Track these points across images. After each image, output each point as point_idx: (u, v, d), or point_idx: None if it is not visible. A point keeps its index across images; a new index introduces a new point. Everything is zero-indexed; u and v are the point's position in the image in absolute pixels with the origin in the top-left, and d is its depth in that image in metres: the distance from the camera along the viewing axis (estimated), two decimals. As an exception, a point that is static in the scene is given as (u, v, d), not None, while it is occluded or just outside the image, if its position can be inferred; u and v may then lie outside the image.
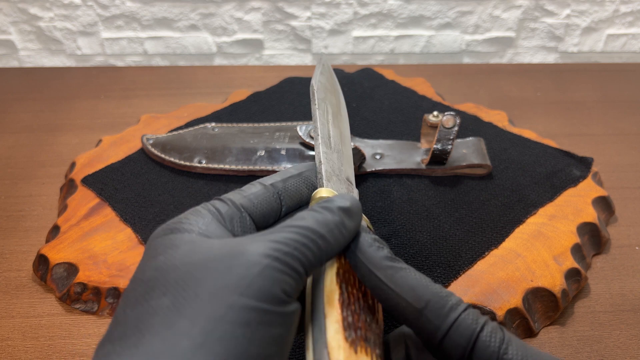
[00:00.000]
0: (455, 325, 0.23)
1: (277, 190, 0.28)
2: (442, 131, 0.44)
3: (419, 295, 0.23)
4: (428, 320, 0.23)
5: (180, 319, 0.20)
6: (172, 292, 0.21)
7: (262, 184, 0.28)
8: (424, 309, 0.23)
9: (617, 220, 0.46)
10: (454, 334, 0.23)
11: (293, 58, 0.77)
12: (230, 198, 0.27)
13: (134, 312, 0.21)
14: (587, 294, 0.39)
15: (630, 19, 0.75)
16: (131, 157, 0.50)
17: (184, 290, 0.21)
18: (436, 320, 0.23)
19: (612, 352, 0.35)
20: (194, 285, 0.21)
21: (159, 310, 0.21)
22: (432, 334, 0.23)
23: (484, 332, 0.23)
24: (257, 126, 0.52)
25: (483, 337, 0.22)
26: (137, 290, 0.22)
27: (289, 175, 0.30)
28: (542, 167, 0.48)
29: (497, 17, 0.74)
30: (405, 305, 0.23)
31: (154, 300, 0.21)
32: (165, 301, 0.21)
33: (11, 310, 0.38)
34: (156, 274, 0.22)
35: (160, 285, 0.21)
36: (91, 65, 0.76)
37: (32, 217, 0.46)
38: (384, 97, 0.59)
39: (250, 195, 0.27)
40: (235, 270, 0.21)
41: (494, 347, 0.22)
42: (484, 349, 0.22)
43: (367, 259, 0.25)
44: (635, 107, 0.62)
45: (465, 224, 0.42)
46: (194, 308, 0.20)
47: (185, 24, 0.73)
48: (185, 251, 0.23)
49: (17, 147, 0.55)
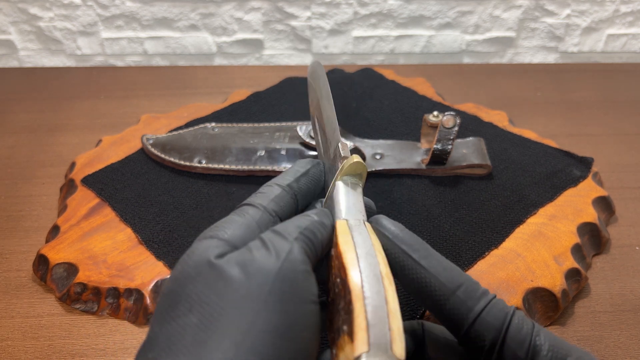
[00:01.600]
0: (488, 307, 0.23)
1: (294, 190, 0.29)
2: (442, 131, 0.44)
3: (453, 277, 0.24)
4: (461, 301, 0.23)
5: (209, 336, 0.20)
6: (197, 308, 0.21)
7: (279, 186, 0.28)
8: (457, 290, 0.23)
9: (617, 220, 0.46)
10: (488, 316, 0.23)
11: (293, 58, 0.77)
12: (260, 203, 0.27)
13: (163, 331, 0.21)
14: (587, 294, 0.39)
15: (630, 19, 0.75)
16: (131, 157, 0.50)
17: (208, 304, 0.21)
18: (470, 301, 0.23)
19: (612, 352, 0.35)
20: (216, 299, 0.21)
21: (187, 328, 0.21)
22: (463, 315, 0.23)
23: (516, 317, 0.23)
24: (257, 126, 0.52)
25: (515, 321, 0.23)
26: (163, 304, 0.22)
27: (300, 175, 0.30)
28: (542, 167, 0.48)
29: (497, 17, 0.74)
30: (438, 285, 0.24)
31: (180, 318, 0.21)
32: (193, 319, 0.21)
33: (11, 310, 0.38)
34: (174, 285, 0.22)
35: (182, 300, 0.22)
36: (91, 65, 0.76)
37: (32, 217, 0.46)
38: (384, 97, 0.59)
39: (276, 199, 0.27)
40: (253, 279, 0.21)
41: (527, 331, 0.23)
42: (516, 332, 0.23)
43: (400, 241, 0.25)
44: (635, 107, 0.62)
45: (465, 224, 0.42)
46: (221, 322, 0.20)
47: (185, 24, 0.73)
48: (198, 259, 0.23)
49: (17, 147, 0.55)
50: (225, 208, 0.44)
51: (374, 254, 0.24)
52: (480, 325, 0.23)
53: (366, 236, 0.25)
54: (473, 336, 0.23)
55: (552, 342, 0.23)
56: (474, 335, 0.23)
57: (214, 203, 0.45)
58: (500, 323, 0.23)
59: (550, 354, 0.22)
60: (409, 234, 0.26)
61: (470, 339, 0.23)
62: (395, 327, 0.21)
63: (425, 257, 0.25)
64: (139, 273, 0.39)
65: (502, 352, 0.23)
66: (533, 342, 0.22)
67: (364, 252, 0.24)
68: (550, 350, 0.22)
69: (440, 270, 0.24)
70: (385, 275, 0.23)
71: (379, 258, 0.24)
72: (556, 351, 0.22)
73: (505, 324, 0.23)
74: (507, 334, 0.23)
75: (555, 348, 0.22)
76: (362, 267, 0.23)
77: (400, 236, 0.25)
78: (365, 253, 0.24)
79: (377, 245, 0.25)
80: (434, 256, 0.25)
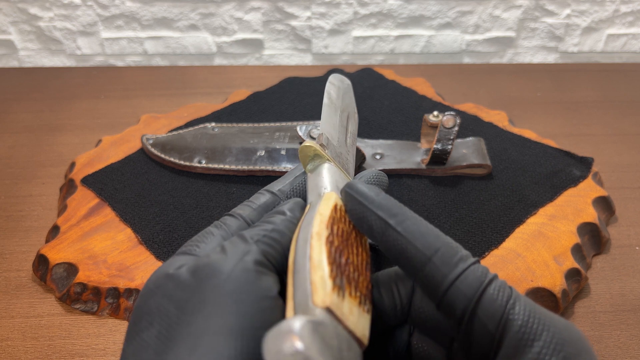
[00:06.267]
0: (463, 275, 0.22)
1: (286, 195, 0.29)
2: (442, 131, 0.44)
3: (429, 242, 0.22)
4: (436, 268, 0.22)
5: (170, 346, 0.20)
6: (157, 320, 0.21)
7: (270, 192, 0.28)
8: (433, 256, 0.22)
9: (617, 220, 0.46)
10: (461, 284, 0.21)
11: (293, 58, 0.77)
12: (240, 213, 0.27)
13: (129, 348, 0.21)
14: (587, 294, 0.39)
15: (630, 19, 0.75)
16: (131, 157, 0.50)
17: (167, 316, 0.21)
18: (444, 267, 0.22)
19: (612, 352, 0.35)
20: (173, 309, 0.21)
21: (150, 342, 0.21)
22: (438, 282, 0.22)
23: (492, 286, 0.22)
24: (257, 126, 0.52)
25: (490, 291, 0.21)
26: (130, 321, 0.22)
27: (295, 176, 0.30)
28: (542, 167, 0.48)
29: (497, 17, 0.74)
30: (414, 252, 0.22)
31: (143, 332, 0.21)
32: (153, 332, 0.21)
33: (11, 310, 0.38)
34: (139, 301, 0.23)
35: (144, 313, 0.22)
36: (91, 65, 0.76)
37: (32, 217, 0.46)
38: (384, 97, 0.59)
39: (259, 208, 0.27)
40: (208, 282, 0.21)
41: (501, 302, 0.21)
42: (489, 303, 0.21)
43: (376, 206, 0.24)
44: (635, 107, 0.62)
45: (465, 224, 0.42)
46: (179, 332, 0.20)
47: (185, 24, 0.73)
48: (158, 275, 0.23)
49: (17, 147, 0.55)
50: (225, 208, 0.44)
51: (311, 223, 0.23)
52: (453, 294, 0.21)
53: (313, 210, 0.24)
54: (445, 304, 0.22)
55: (527, 316, 0.21)
56: (447, 303, 0.22)
57: (214, 203, 0.45)
58: (473, 292, 0.21)
59: (522, 329, 0.20)
60: (386, 198, 0.24)
61: (444, 307, 0.22)
62: (316, 278, 0.21)
63: (401, 222, 0.23)
64: (139, 273, 0.39)
65: (471, 323, 0.21)
66: (506, 315, 0.21)
67: (304, 225, 0.24)
68: (523, 325, 0.20)
69: (417, 236, 0.23)
70: (314, 234, 0.22)
71: (315, 220, 0.23)
72: (530, 327, 0.20)
73: (478, 293, 0.21)
74: (479, 305, 0.21)
75: (530, 323, 0.21)
76: (298, 243, 0.23)
77: (377, 201, 0.24)
78: (304, 225, 0.24)
79: (323, 206, 0.24)
80: (411, 219, 0.23)
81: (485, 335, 0.21)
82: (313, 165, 0.29)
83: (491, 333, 0.21)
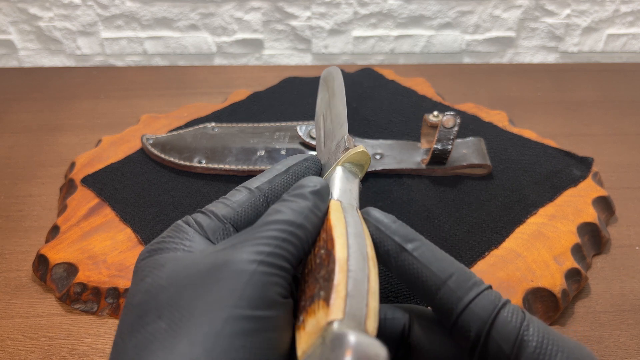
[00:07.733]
0: (477, 298, 0.22)
1: (264, 192, 0.28)
2: (442, 131, 0.44)
3: (444, 267, 0.23)
4: (451, 291, 0.23)
5: (179, 341, 0.20)
6: (166, 314, 0.21)
7: (247, 188, 0.28)
8: (448, 280, 0.23)
9: (617, 220, 0.46)
10: (476, 307, 0.22)
11: (293, 58, 0.77)
12: (212, 210, 0.26)
13: (132, 341, 0.21)
14: (587, 294, 0.39)
15: (630, 19, 0.75)
16: (131, 157, 0.50)
17: (177, 310, 0.21)
18: (459, 291, 0.23)
19: (612, 352, 0.35)
20: (186, 305, 0.21)
21: (156, 334, 0.20)
22: (453, 305, 0.23)
23: (506, 309, 0.22)
24: (257, 126, 0.52)
25: (504, 313, 0.22)
26: (131, 316, 0.22)
27: (276, 174, 0.29)
28: (542, 167, 0.48)
29: (497, 17, 0.74)
30: (430, 275, 0.23)
31: (149, 325, 0.21)
32: (162, 324, 0.21)
33: (11, 310, 0.38)
34: (146, 297, 0.22)
35: (152, 308, 0.21)
36: (91, 65, 0.76)
37: (32, 217, 0.46)
38: (384, 97, 0.59)
39: (234, 204, 0.27)
40: (224, 283, 0.21)
41: (515, 324, 0.22)
42: (504, 325, 0.22)
43: (392, 232, 0.25)
44: (635, 107, 0.62)
45: (465, 224, 0.42)
46: (190, 328, 0.20)
47: (185, 24, 0.73)
48: (171, 270, 0.23)
49: (17, 147, 0.55)
50: (225, 208, 0.44)
51: (363, 236, 0.24)
52: (467, 316, 0.22)
53: (357, 219, 0.25)
54: (460, 327, 0.23)
55: (542, 337, 0.21)
56: (461, 325, 0.22)
57: (214, 203, 0.45)
58: (487, 315, 0.22)
59: (537, 350, 0.21)
60: (401, 225, 0.25)
61: (458, 330, 0.23)
62: (372, 306, 0.21)
63: (417, 247, 0.24)
64: (139, 273, 0.39)
65: (486, 345, 0.22)
66: (520, 337, 0.21)
67: (354, 232, 0.24)
68: (538, 347, 0.21)
69: (432, 260, 0.24)
70: (371, 257, 0.23)
71: (367, 241, 0.24)
72: (545, 348, 0.21)
73: (492, 315, 0.22)
74: (493, 327, 0.22)
75: (544, 345, 0.21)
76: (351, 244, 0.23)
77: (393, 227, 0.25)
78: (355, 233, 0.24)
79: (367, 231, 0.25)
80: (426, 246, 0.24)
81: (501, 357, 0.22)
82: (354, 170, 0.29)
83: (506, 355, 0.21)
